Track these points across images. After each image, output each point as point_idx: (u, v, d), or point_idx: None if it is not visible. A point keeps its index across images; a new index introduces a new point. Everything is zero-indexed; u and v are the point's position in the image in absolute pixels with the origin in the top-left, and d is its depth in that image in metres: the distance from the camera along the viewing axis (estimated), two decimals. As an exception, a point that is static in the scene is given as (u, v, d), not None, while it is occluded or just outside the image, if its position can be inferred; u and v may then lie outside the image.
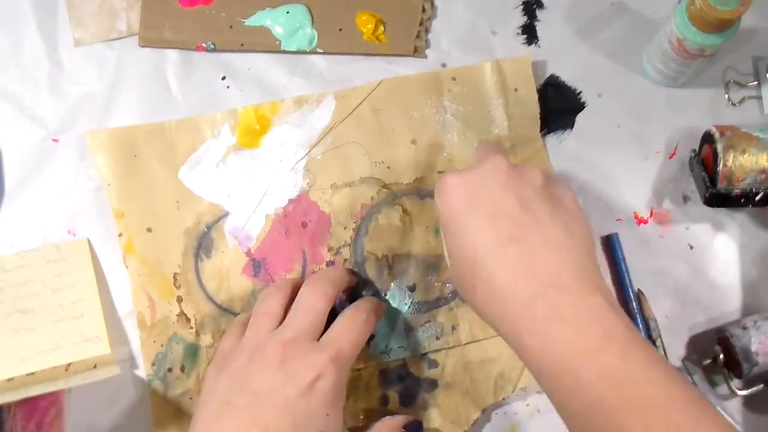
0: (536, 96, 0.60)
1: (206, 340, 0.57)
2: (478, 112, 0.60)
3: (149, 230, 0.57)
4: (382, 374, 0.57)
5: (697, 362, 0.57)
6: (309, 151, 0.59)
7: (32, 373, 0.53)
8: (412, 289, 0.58)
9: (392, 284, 0.58)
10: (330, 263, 0.58)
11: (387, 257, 0.58)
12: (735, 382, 0.56)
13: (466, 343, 0.57)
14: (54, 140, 0.59)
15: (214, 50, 0.61)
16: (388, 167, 0.59)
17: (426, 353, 0.57)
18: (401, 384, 0.57)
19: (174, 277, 0.57)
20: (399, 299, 0.58)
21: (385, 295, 0.58)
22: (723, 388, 0.57)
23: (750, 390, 0.56)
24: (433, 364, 0.57)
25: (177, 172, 0.58)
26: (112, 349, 0.55)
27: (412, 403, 0.57)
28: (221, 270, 0.58)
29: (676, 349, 0.58)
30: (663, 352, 0.57)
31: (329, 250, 0.58)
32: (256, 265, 0.58)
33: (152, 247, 0.57)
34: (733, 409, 0.56)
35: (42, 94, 0.60)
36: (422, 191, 0.59)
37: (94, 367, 0.53)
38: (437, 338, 0.57)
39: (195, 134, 0.59)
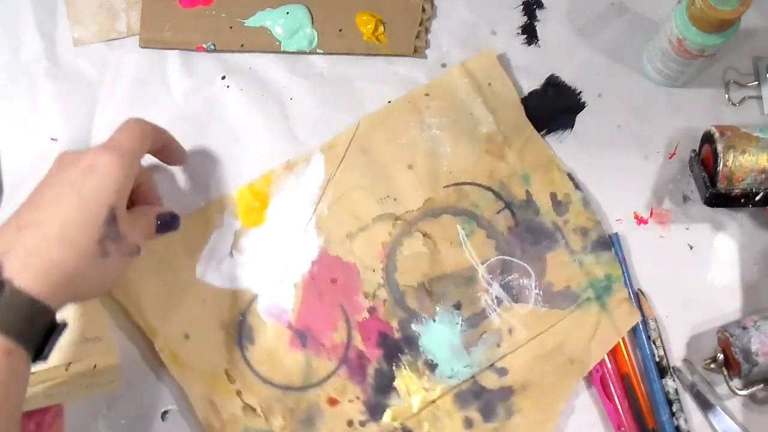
0: (511, 84, 0.60)
1: (278, 423, 0.55)
2: (462, 117, 0.60)
3: (186, 336, 0.56)
4: (457, 398, 0.56)
5: (697, 362, 0.57)
6: (314, 209, 0.58)
7: (32, 373, 0.53)
8: (457, 307, 0.57)
9: (437, 308, 0.57)
10: (371, 309, 0.57)
11: (423, 284, 0.57)
12: (735, 382, 0.56)
13: (527, 342, 0.56)
14: (53, 140, 0.59)
15: (214, 51, 0.61)
16: (395, 199, 0.59)
17: (492, 364, 0.56)
18: (478, 401, 0.56)
19: (226, 373, 0.55)
20: (448, 321, 0.57)
21: (434, 321, 0.57)
22: (723, 388, 0.57)
23: (750, 390, 0.56)
24: (503, 372, 0.56)
25: (194, 273, 0.57)
26: (113, 349, 0.55)
27: (494, 416, 0.55)
28: (269, 351, 0.56)
29: (676, 349, 0.58)
30: (663, 352, 0.57)
31: (366, 297, 0.57)
32: (301, 336, 0.56)
33: (195, 352, 0.55)
34: (733, 409, 0.56)
35: (41, 94, 0.60)
36: (435, 211, 0.58)
37: (94, 367, 0.52)
38: (498, 345, 0.56)
39: (199, 230, 0.57)
